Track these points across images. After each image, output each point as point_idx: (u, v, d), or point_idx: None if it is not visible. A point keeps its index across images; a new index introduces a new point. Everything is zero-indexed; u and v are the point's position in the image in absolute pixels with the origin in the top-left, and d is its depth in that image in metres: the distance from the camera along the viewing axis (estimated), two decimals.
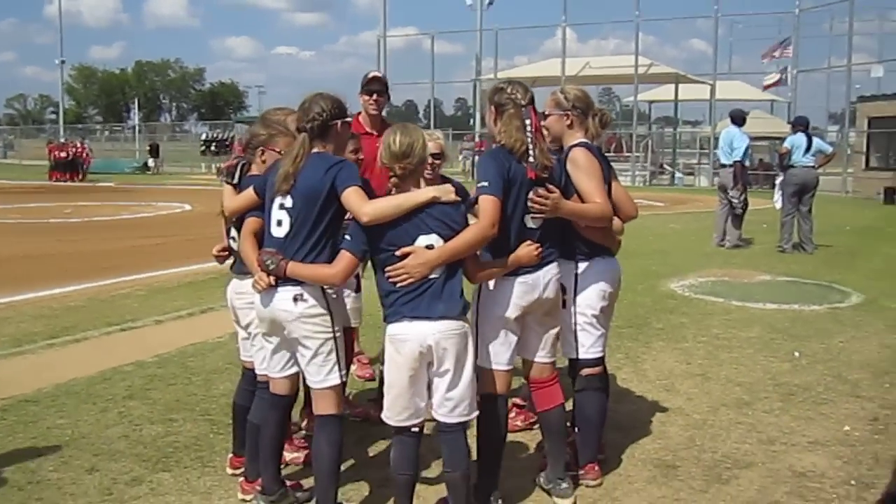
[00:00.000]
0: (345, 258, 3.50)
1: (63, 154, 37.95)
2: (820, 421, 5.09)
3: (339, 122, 3.68)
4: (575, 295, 4.06)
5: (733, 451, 4.60)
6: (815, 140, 13.00)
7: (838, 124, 40.38)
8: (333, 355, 3.64)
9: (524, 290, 3.71)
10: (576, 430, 4.21)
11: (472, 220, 3.61)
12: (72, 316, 7.92)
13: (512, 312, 3.72)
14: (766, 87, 35.37)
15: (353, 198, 3.46)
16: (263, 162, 4.02)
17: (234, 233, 4.10)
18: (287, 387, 3.84)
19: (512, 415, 4.82)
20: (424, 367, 3.50)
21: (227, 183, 4.11)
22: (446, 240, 3.45)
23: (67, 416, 5.10)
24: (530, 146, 3.67)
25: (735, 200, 12.96)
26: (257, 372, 4.02)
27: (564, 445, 4.04)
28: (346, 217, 3.61)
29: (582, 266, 4.05)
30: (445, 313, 3.44)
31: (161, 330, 7.45)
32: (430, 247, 3.44)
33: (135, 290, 9.34)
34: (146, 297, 8.89)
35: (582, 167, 3.93)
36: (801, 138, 12.70)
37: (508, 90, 3.77)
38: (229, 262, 4.24)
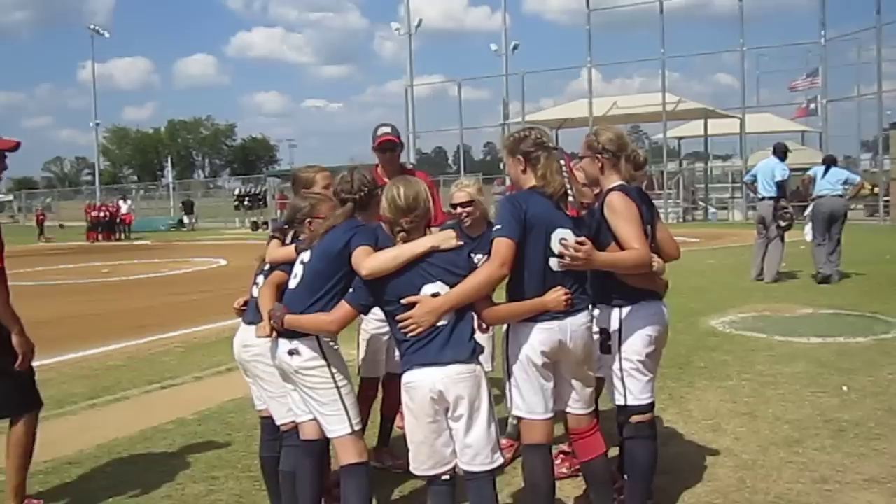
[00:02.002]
0: (342, 308, 3.58)
1: (101, 214, 38.70)
2: (874, 457, 4.95)
3: (379, 192, 3.83)
4: (620, 341, 3.96)
5: (786, 492, 4.48)
6: (834, 169, 13.17)
7: (871, 152, 40.02)
8: (339, 404, 3.69)
9: (547, 337, 3.62)
10: (624, 476, 4.11)
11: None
12: (112, 375, 7.96)
13: (535, 358, 3.63)
14: (795, 117, 35.39)
15: (357, 255, 3.56)
16: (312, 231, 4.06)
17: (259, 279, 4.18)
18: (316, 429, 3.84)
19: (557, 462, 4.74)
20: (442, 414, 3.48)
21: (275, 237, 4.21)
22: (452, 286, 3.47)
23: (110, 478, 5.10)
24: (568, 187, 3.65)
25: (785, 215, 12.90)
26: (278, 421, 4.05)
27: (611, 494, 3.93)
28: None
29: (625, 311, 3.95)
30: (454, 358, 3.44)
31: (200, 386, 7.46)
32: (435, 295, 3.45)
33: (173, 346, 9.39)
34: (185, 354, 8.92)
35: (619, 212, 3.83)
36: (821, 169, 13.08)
37: (533, 136, 3.76)
38: None
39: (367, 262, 3.50)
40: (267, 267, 4.16)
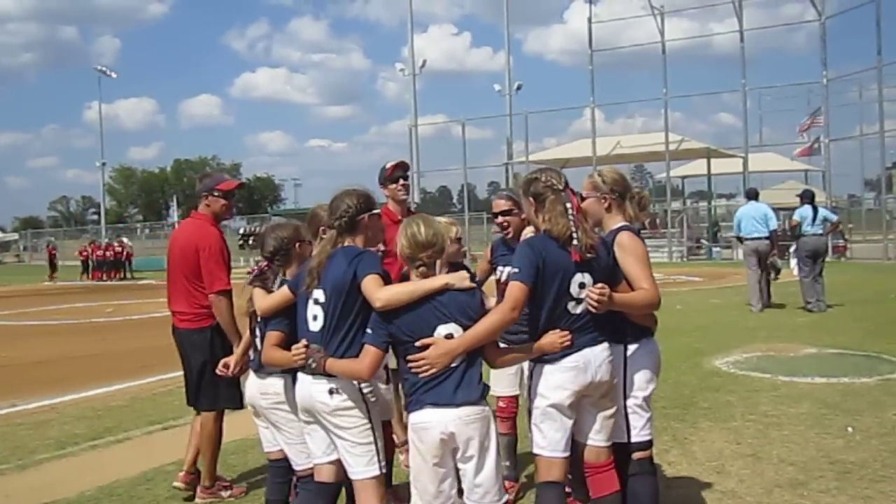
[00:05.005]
0: (370, 353, 3.54)
1: (106, 254, 38.99)
2: (879, 499, 4.90)
3: (366, 215, 3.78)
4: (625, 378, 3.97)
5: None
6: (821, 210, 14.68)
7: (875, 191, 40.13)
8: (372, 446, 3.67)
9: (575, 374, 3.66)
10: None
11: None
12: (114, 416, 7.94)
13: (565, 398, 3.66)
14: (799, 154, 35.65)
15: (369, 285, 3.54)
16: (300, 253, 4.17)
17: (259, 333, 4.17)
18: (332, 473, 3.83)
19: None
20: (449, 455, 3.49)
21: (257, 286, 4.21)
22: (465, 328, 3.48)
23: None
24: (573, 229, 3.66)
25: (776, 262, 14.24)
26: (297, 466, 4.03)
27: None
28: None
29: (630, 349, 3.99)
30: (465, 399, 3.46)
31: None
32: (449, 335, 3.47)
33: (176, 387, 9.30)
34: None
35: (630, 252, 3.89)
36: (808, 210, 14.30)
37: (543, 178, 3.79)
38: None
39: (381, 292, 3.49)
40: (259, 320, 4.15)
